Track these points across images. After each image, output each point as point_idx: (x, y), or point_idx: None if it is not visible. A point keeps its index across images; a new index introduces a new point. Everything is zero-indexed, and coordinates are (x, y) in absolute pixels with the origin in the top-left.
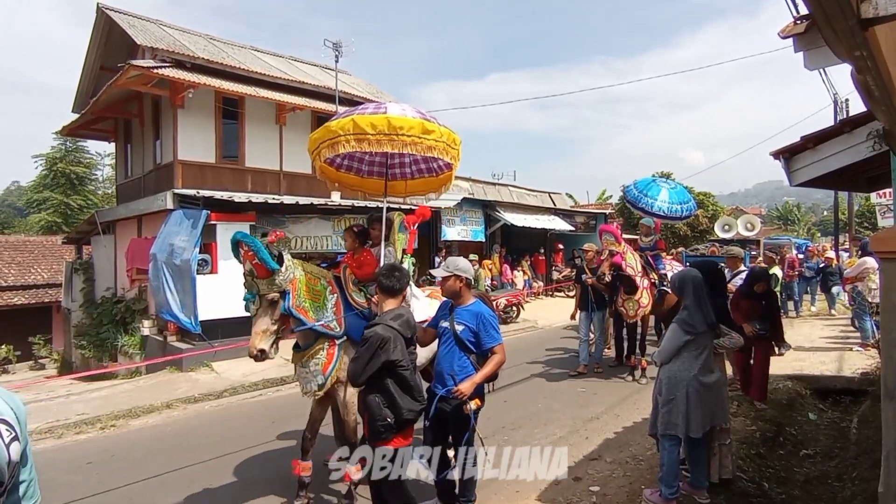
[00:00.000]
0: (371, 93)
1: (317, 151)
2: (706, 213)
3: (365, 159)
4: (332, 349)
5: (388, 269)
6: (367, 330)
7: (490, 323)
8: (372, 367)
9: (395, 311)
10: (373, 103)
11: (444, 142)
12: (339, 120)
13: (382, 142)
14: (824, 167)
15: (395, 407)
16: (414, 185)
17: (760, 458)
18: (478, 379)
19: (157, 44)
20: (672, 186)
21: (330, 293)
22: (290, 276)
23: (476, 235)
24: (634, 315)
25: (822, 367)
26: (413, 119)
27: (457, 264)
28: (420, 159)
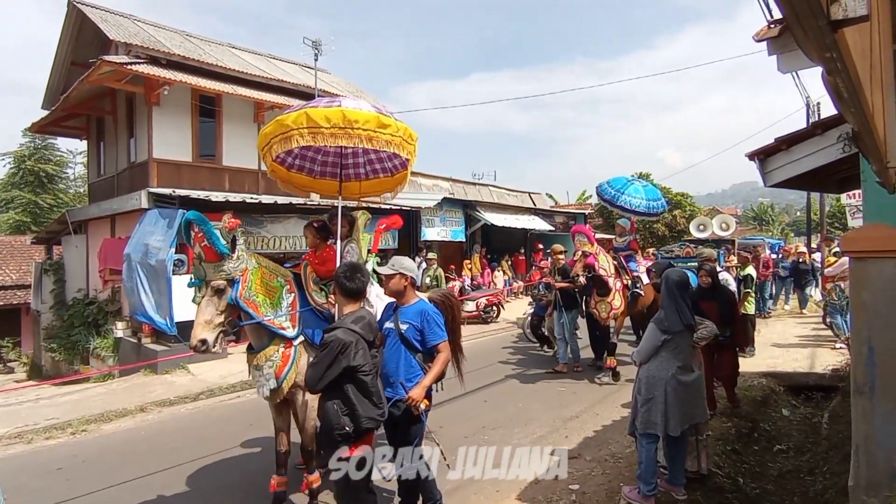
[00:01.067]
0: (350, 91)
1: (268, 147)
2: (684, 213)
3: (317, 159)
4: (287, 351)
5: (349, 270)
6: (328, 334)
7: (434, 320)
8: (332, 372)
9: (356, 313)
10: (326, 97)
11: (400, 136)
12: (292, 114)
13: (338, 135)
14: (797, 168)
15: (354, 415)
16: (369, 185)
17: (736, 454)
18: (427, 382)
19: (130, 39)
20: (644, 184)
21: (287, 292)
22: (241, 265)
23: (456, 235)
24: (607, 317)
25: (794, 364)
26: (369, 113)
27: (402, 263)
28: (374, 159)
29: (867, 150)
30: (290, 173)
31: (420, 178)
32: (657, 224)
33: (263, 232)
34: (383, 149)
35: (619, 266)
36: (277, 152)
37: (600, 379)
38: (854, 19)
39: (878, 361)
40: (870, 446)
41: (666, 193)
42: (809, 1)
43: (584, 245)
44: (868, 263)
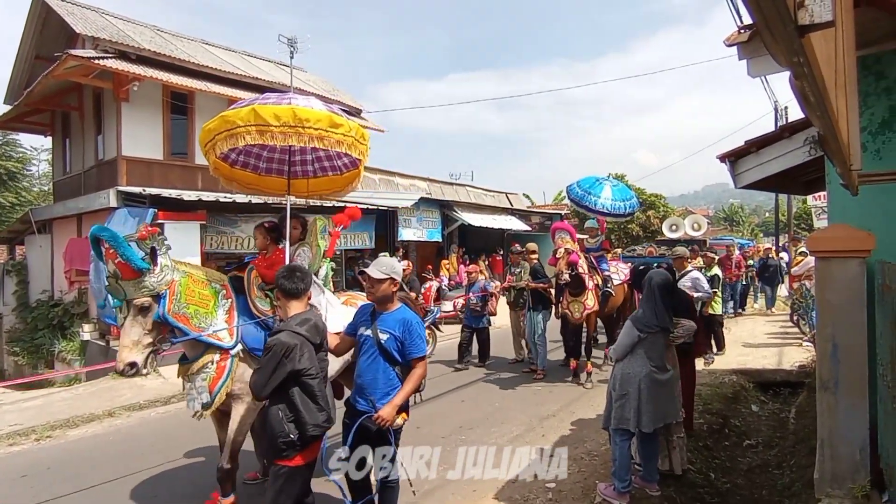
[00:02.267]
0: (326, 90)
1: (211, 144)
2: (657, 213)
3: (263, 155)
4: (223, 362)
5: (288, 271)
6: (271, 338)
7: (417, 331)
8: (277, 378)
9: (302, 315)
10: (275, 93)
11: (352, 136)
12: (238, 109)
13: (288, 134)
14: (766, 170)
15: (299, 422)
16: (317, 183)
17: (707, 450)
18: (399, 401)
19: (98, 33)
20: (614, 184)
21: (223, 298)
22: (166, 277)
23: (432, 235)
24: (580, 317)
25: (763, 361)
26: (320, 112)
27: (393, 267)
28: (323, 157)
29: (832, 154)
30: (234, 170)
31: (397, 178)
32: (631, 224)
33: (238, 232)
34: (334, 148)
35: (591, 266)
36: (222, 149)
37: (571, 380)
38: (820, 24)
39: (842, 358)
40: (834, 440)
41: (640, 194)
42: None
43: (566, 242)
44: (832, 263)
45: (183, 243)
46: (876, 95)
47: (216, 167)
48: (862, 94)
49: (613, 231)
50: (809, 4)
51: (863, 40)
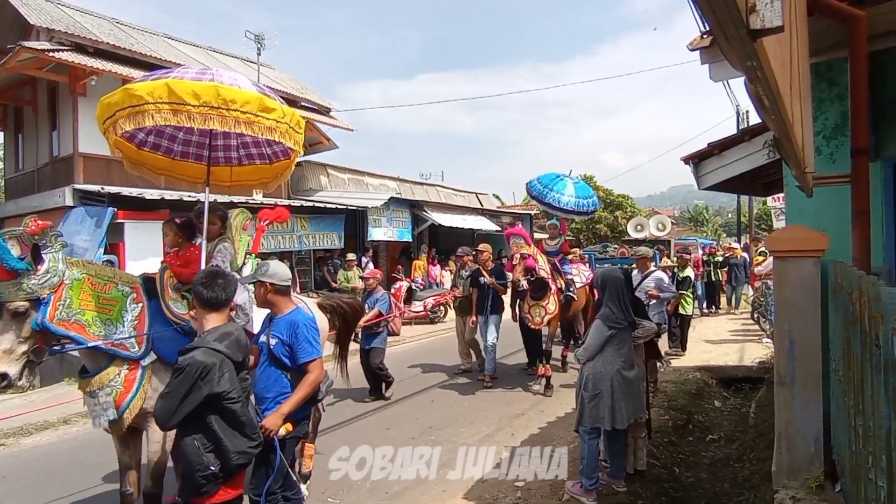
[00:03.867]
0: (295, 88)
1: (111, 121)
2: (625, 214)
3: (178, 137)
4: (131, 374)
5: (209, 276)
6: (183, 356)
7: (305, 334)
8: (190, 403)
9: (222, 328)
10: (196, 66)
11: (286, 123)
12: (148, 83)
13: (209, 117)
14: (728, 172)
15: (221, 451)
16: (242, 172)
17: (672, 446)
18: (286, 409)
19: (53, 24)
20: (576, 181)
21: (132, 302)
22: (51, 280)
23: (402, 235)
24: (541, 322)
25: (726, 358)
26: (249, 93)
27: (264, 269)
28: (250, 142)
29: (788, 157)
30: (142, 152)
31: (367, 178)
32: (599, 225)
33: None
34: (265, 136)
35: (553, 268)
36: (125, 128)
37: (531, 387)
38: (771, 29)
39: (798, 354)
40: (790, 433)
41: (608, 195)
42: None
43: (521, 248)
44: (789, 262)
45: (145, 243)
46: (829, 101)
47: (117, 147)
48: (816, 99)
49: (582, 231)
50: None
51: (816, 48)
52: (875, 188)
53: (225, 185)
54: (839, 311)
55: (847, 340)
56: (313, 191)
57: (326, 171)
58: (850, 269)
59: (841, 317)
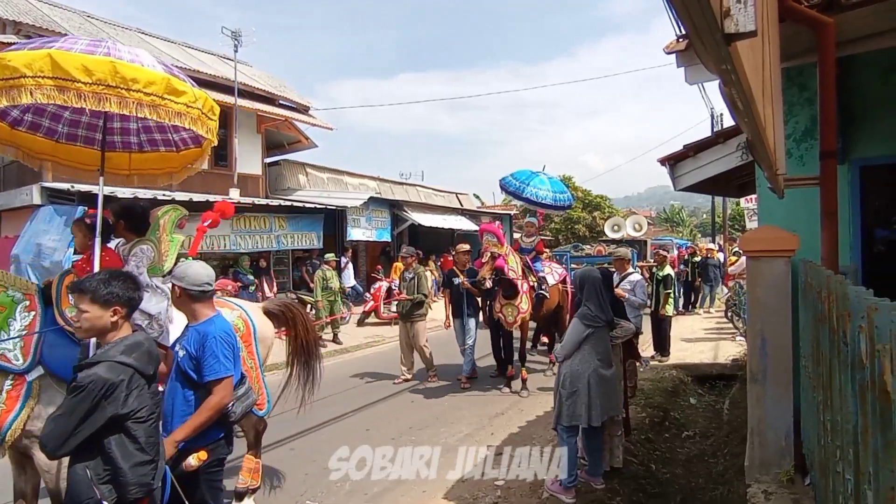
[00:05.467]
0: (273, 86)
1: None
2: (603, 214)
3: (63, 117)
4: (15, 390)
5: (107, 277)
6: (83, 372)
7: (213, 349)
8: (89, 426)
9: (130, 339)
10: (89, 39)
11: (198, 108)
12: (26, 52)
13: (104, 97)
14: (703, 173)
15: (119, 481)
16: (144, 160)
17: (649, 443)
18: (180, 436)
19: (21, 17)
20: (550, 177)
21: (24, 310)
22: None
23: (382, 235)
24: (514, 321)
25: (701, 355)
26: (153, 72)
27: (182, 272)
28: (153, 126)
29: (759, 158)
30: (16, 132)
31: (346, 177)
32: (578, 225)
33: (181, 232)
34: (173, 122)
35: (525, 266)
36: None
37: (501, 389)
38: (744, 34)
39: (770, 352)
40: (762, 428)
41: (587, 196)
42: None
43: (492, 245)
44: (761, 262)
45: None
46: (800, 105)
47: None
48: (787, 103)
49: (561, 231)
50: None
51: (787, 53)
52: (843, 190)
53: (123, 173)
54: (809, 310)
55: (816, 338)
56: (291, 190)
57: (305, 170)
58: (819, 269)
59: (811, 315)
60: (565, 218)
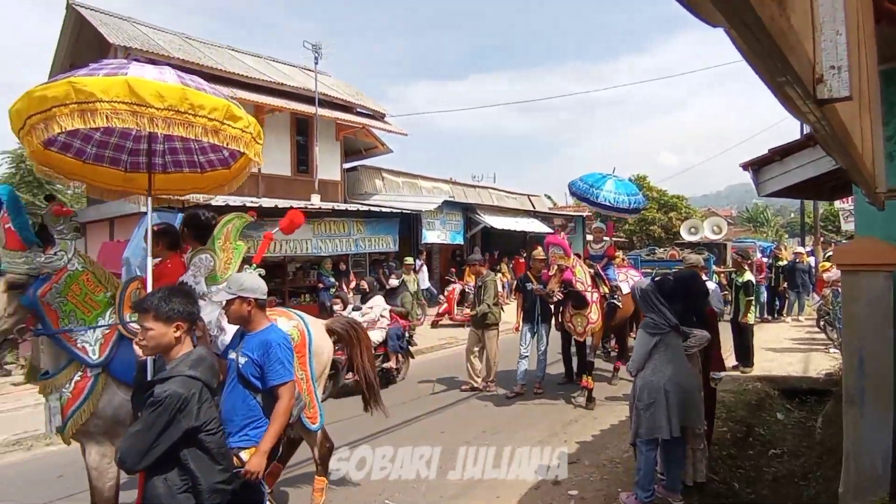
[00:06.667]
0: (350, 94)
1: (42, 117)
2: (679, 215)
3: (94, 138)
4: (82, 382)
5: (167, 293)
6: (159, 387)
7: (279, 355)
8: (167, 440)
9: (194, 353)
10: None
11: (250, 133)
12: (101, 79)
13: (173, 122)
14: (790, 179)
15: (197, 490)
16: (166, 181)
17: (731, 459)
18: (266, 446)
19: (130, 42)
20: (619, 179)
21: (112, 313)
22: (56, 261)
23: (455, 238)
24: (584, 332)
25: (789, 367)
26: (217, 99)
27: (240, 283)
28: (180, 149)
29: (856, 181)
30: (49, 153)
31: (420, 181)
32: (653, 227)
33: (263, 234)
34: (230, 145)
35: (596, 275)
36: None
37: (575, 399)
38: (838, 98)
39: (868, 371)
40: (858, 453)
41: (662, 196)
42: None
43: (559, 258)
44: (859, 277)
45: None
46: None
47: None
48: (886, 103)
49: (635, 232)
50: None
51: (885, 55)
52: None
53: (143, 193)
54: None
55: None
56: (368, 194)
57: (381, 174)
58: None
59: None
60: (640, 219)
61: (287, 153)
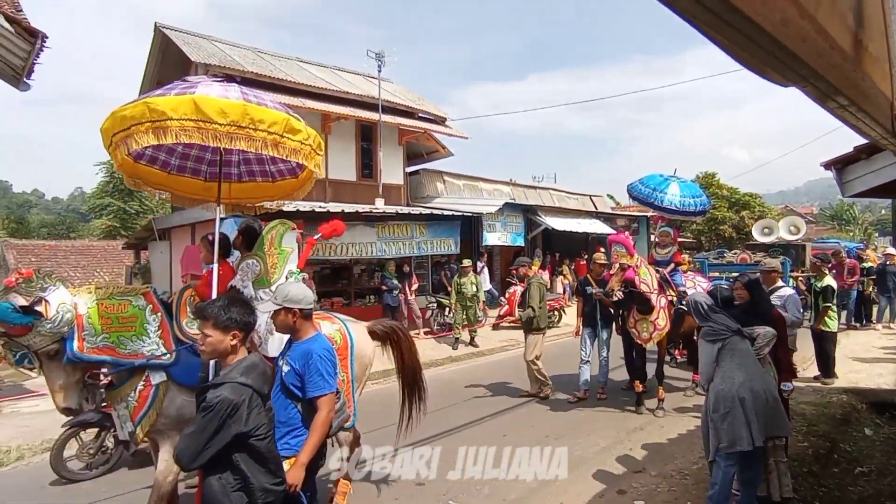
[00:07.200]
0: (412, 100)
1: (125, 134)
2: (752, 214)
3: (177, 151)
4: (146, 391)
5: (226, 303)
6: (211, 393)
7: (318, 366)
8: (218, 443)
9: (247, 360)
10: (217, 83)
11: (310, 145)
12: (172, 98)
13: (236, 136)
14: (879, 178)
15: (248, 489)
16: (241, 189)
17: (813, 477)
18: (305, 458)
19: (209, 60)
20: (682, 181)
21: (151, 313)
22: (63, 316)
23: (516, 240)
24: (648, 338)
25: (879, 379)
26: (277, 112)
27: (285, 294)
28: (252, 159)
29: None
30: (138, 165)
31: (481, 184)
32: (723, 226)
33: (332, 239)
34: (291, 158)
35: (664, 280)
36: (140, 144)
37: (638, 409)
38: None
39: None
40: None
41: (733, 194)
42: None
43: (622, 257)
44: None
45: None
46: None
47: (122, 165)
48: None
49: (703, 233)
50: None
51: None
52: None
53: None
54: None
55: None
56: (430, 197)
57: (442, 178)
58: None
59: None
60: (709, 218)
61: (352, 159)
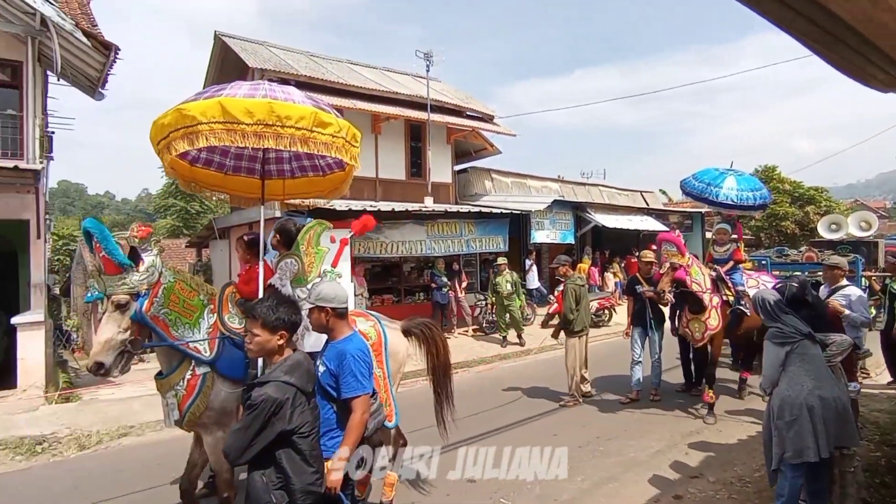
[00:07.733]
0: (460, 98)
1: (166, 142)
2: (818, 209)
3: (230, 151)
4: (194, 380)
5: (274, 303)
6: (256, 392)
7: (353, 367)
8: (262, 440)
9: (291, 359)
10: (247, 82)
11: (343, 138)
12: (201, 102)
13: (263, 135)
14: None
15: (289, 489)
16: (294, 185)
17: (886, 488)
18: (342, 461)
19: (265, 65)
20: (739, 174)
21: (209, 312)
22: (149, 278)
23: (565, 238)
24: (701, 338)
25: None
26: (303, 107)
27: (318, 293)
28: (303, 154)
29: None
30: (195, 169)
31: (529, 181)
32: (786, 222)
33: (381, 237)
34: (322, 152)
35: (718, 279)
36: (178, 149)
37: (697, 411)
38: None
39: None
40: None
41: (796, 188)
42: None
43: (672, 256)
44: None
45: (334, 248)
46: None
47: (172, 167)
48: None
49: (764, 229)
50: None
51: None
52: None
53: (279, 198)
54: None
55: None
56: (478, 195)
57: (491, 175)
58: None
59: None
60: (769, 214)
61: (401, 158)
